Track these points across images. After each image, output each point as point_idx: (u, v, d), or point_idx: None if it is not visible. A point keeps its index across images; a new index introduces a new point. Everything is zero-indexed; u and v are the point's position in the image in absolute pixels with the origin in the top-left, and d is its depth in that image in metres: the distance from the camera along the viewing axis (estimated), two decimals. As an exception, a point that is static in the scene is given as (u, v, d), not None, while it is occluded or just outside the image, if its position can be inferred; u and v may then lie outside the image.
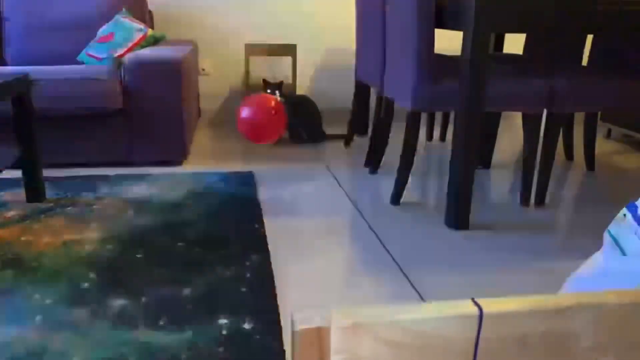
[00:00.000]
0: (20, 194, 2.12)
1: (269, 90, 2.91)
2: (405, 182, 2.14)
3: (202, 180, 2.37)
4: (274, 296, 1.47)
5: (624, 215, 0.77)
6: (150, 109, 2.47)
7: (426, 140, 3.18)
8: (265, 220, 1.97)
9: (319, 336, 0.44)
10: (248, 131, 1.91)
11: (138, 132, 2.50)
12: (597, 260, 0.81)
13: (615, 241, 0.77)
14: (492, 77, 1.99)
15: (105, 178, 2.38)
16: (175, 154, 2.56)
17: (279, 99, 2.44)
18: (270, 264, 1.64)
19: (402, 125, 2.22)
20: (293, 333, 0.44)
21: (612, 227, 0.79)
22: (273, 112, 1.87)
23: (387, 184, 2.37)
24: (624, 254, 0.74)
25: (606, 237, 0.80)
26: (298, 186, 2.35)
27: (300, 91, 3.51)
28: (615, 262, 0.75)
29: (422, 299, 1.49)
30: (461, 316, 0.46)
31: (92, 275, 1.56)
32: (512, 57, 2.71)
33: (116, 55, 2.69)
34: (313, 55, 3.51)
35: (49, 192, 2.19)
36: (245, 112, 1.90)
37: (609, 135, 3.35)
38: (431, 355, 0.46)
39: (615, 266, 0.75)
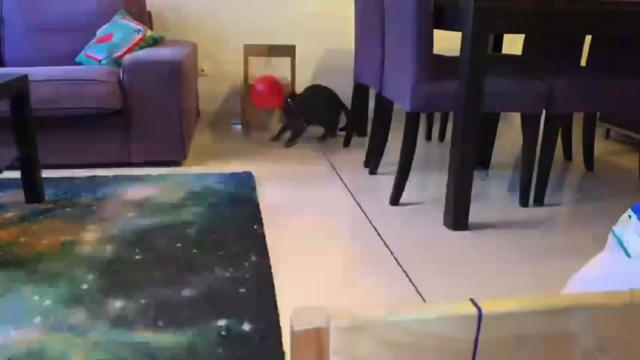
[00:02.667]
0: (19, 195, 2.12)
1: (289, 99, 3.00)
2: (404, 182, 2.14)
3: (201, 180, 2.37)
4: (273, 297, 1.47)
5: (629, 216, 0.77)
6: (149, 109, 2.47)
7: (425, 141, 3.18)
8: (264, 220, 1.97)
9: (318, 337, 0.44)
10: (258, 99, 2.79)
11: (137, 132, 2.50)
12: (600, 260, 0.81)
13: (620, 242, 0.76)
14: (490, 78, 2.00)
15: (104, 179, 2.38)
16: (174, 155, 2.56)
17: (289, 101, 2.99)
18: (269, 264, 1.64)
19: (401, 126, 2.22)
20: (292, 334, 0.44)
21: (617, 228, 0.79)
22: (275, 85, 2.79)
23: (386, 184, 2.37)
24: (628, 255, 0.74)
25: (611, 238, 0.80)
26: (297, 186, 2.35)
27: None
28: (620, 263, 0.75)
29: (423, 299, 1.49)
30: (460, 317, 0.46)
31: (91, 276, 1.56)
32: (511, 58, 2.71)
33: (115, 56, 2.69)
34: (312, 56, 3.51)
35: (48, 193, 2.18)
36: (257, 87, 2.82)
37: (607, 135, 3.35)
38: (430, 356, 0.46)
39: (620, 268, 0.74)
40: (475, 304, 0.46)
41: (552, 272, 1.64)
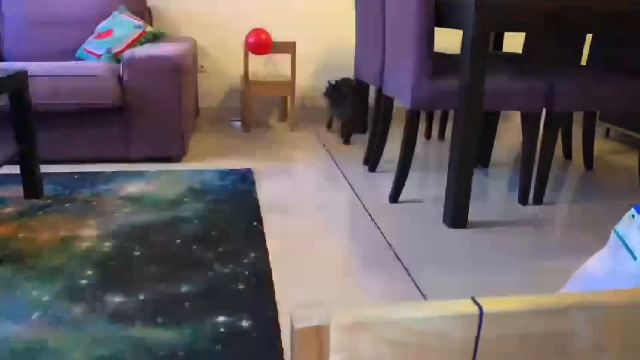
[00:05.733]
0: (18, 190, 2.12)
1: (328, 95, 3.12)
2: (404, 180, 2.14)
3: (200, 177, 2.37)
4: (273, 294, 1.47)
5: (632, 215, 0.76)
6: (148, 105, 2.47)
7: (425, 139, 3.18)
8: (263, 217, 1.97)
9: (318, 335, 0.44)
10: (252, 46, 3.04)
11: (136, 128, 2.49)
12: (602, 260, 0.80)
13: (623, 242, 0.76)
14: (491, 76, 1.99)
15: (103, 174, 2.38)
16: (174, 151, 2.56)
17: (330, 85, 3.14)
18: (268, 261, 1.64)
19: (401, 124, 2.22)
20: (292, 332, 0.44)
21: (620, 227, 0.78)
22: (263, 35, 3.01)
23: (385, 182, 2.37)
24: (632, 254, 0.73)
25: (613, 237, 0.79)
26: (296, 183, 2.35)
27: (299, 88, 3.51)
28: (625, 265, 0.74)
29: (424, 297, 1.49)
30: (461, 315, 0.46)
31: (90, 272, 1.56)
32: (511, 56, 2.71)
33: (115, 51, 2.69)
34: (312, 53, 3.51)
35: (47, 189, 2.18)
36: (250, 38, 3.04)
37: (607, 134, 3.35)
38: (431, 355, 0.46)
39: (625, 270, 0.74)
40: (477, 303, 0.46)
41: (551, 270, 1.65)
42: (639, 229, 0.74)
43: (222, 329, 1.30)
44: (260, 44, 3.01)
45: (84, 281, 1.51)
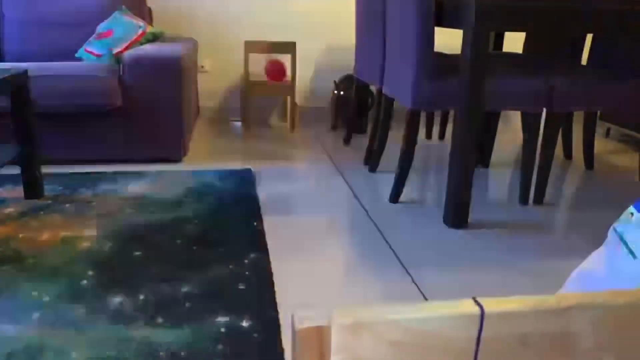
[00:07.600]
0: (19, 190, 2.12)
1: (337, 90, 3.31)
2: (405, 180, 2.14)
3: (200, 177, 2.37)
4: (273, 294, 1.47)
5: (632, 213, 0.76)
6: (149, 106, 2.46)
7: (425, 139, 3.17)
8: (264, 217, 1.97)
9: (319, 335, 0.44)
10: (270, 74, 3.26)
11: (137, 129, 2.49)
12: (601, 258, 0.80)
13: (622, 240, 0.76)
14: (491, 76, 1.99)
15: (103, 175, 2.37)
16: (174, 151, 2.56)
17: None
18: (269, 261, 1.64)
19: (401, 124, 2.22)
20: (293, 332, 0.44)
21: (619, 225, 0.78)
22: (284, 65, 3.26)
23: (386, 182, 2.37)
24: (631, 252, 0.73)
25: (612, 234, 0.79)
26: (296, 184, 2.35)
27: (299, 89, 3.51)
28: (625, 264, 0.74)
29: (424, 297, 1.49)
30: (462, 315, 0.46)
31: (90, 272, 1.56)
32: (512, 56, 2.70)
33: (115, 52, 2.69)
34: (313, 52, 3.51)
35: (47, 189, 2.18)
36: (269, 66, 3.26)
37: (607, 134, 3.35)
38: (432, 355, 0.46)
39: (625, 268, 0.73)
40: (478, 303, 0.46)
41: (551, 270, 1.65)
42: (639, 227, 0.74)
43: (222, 329, 1.30)
44: (277, 72, 3.24)
45: (84, 281, 1.51)
